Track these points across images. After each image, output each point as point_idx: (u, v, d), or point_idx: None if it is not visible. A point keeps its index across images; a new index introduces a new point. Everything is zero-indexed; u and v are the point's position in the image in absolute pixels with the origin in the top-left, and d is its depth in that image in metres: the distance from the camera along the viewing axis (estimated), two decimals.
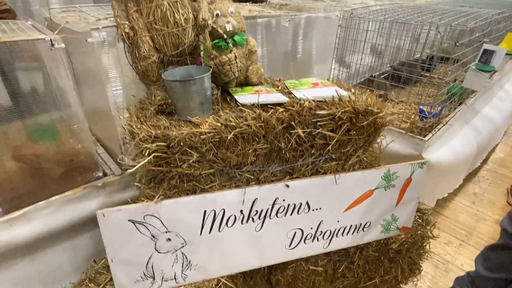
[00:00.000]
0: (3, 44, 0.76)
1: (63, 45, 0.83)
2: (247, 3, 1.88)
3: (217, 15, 0.97)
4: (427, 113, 1.42)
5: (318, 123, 0.84)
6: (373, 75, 1.85)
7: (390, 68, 2.13)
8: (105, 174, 1.09)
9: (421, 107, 1.50)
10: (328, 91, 1.00)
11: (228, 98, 0.96)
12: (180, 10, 0.82)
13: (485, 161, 2.40)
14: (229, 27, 0.97)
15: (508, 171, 2.39)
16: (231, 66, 0.89)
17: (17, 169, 0.93)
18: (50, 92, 0.94)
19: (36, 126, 1.02)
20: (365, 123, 0.85)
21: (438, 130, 1.44)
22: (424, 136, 1.38)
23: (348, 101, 0.87)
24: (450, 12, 1.86)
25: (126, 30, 0.78)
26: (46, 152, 0.97)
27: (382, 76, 2.06)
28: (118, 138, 1.07)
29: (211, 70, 0.84)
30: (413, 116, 1.57)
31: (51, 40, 0.81)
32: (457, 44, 1.29)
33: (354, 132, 0.87)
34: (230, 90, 1.00)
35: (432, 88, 2.05)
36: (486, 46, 1.46)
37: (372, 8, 1.83)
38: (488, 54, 1.47)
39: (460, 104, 1.74)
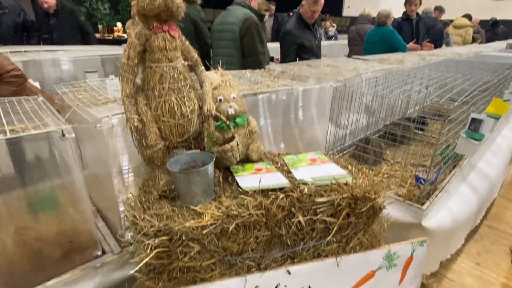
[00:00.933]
0: (16, 138, 0.81)
1: (73, 135, 0.87)
2: (247, 71, 2.01)
3: (220, 100, 1.05)
4: (423, 181, 1.46)
5: (318, 209, 0.86)
6: (368, 136, 1.91)
7: (384, 126, 2.21)
8: (103, 252, 1.08)
9: (417, 173, 1.54)
10: (327, 170, 1.04)
11: (229, 178, 0.99)
12: (186, 103, 0.88)
13: (484, 217, 2.39)
14: (231, 111, 1.04)
15: (509, 227, 2.37)
16: (233, 152, 0.93)
17: (18, 253, 0.92)
18: (54, 166, 0.96)
19: (36, 197, 1.03)
20: (363, 209, 0.87)
21: (435, 197, 1.47)
22: (422, 204, 1.40)
23: (345, 184, 0.91)
24: (438, 81, 1.99)
25: (135, 124, 0.83)
26: (47, 234, 0.97)
27: (377, 135, 2.14)
28: (119, 211, 1.08)
29: (215, 157, 0.88)
30: (410, 180, 1.61)
31: (62, 131, 0.86)
32: (445, 121, 1.36)
33: (354, 218, 0.89)
34: (232, 169, 1.03)
35: (426, 147, 2.11)
36: (473, 115, 1.55)
37: (364, 75, 1.95)
38: (476, 122, 1.55)
39: (454, 167, 1.79)
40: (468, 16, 6.19)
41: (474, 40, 6.64)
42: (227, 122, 0.97)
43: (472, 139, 1.50)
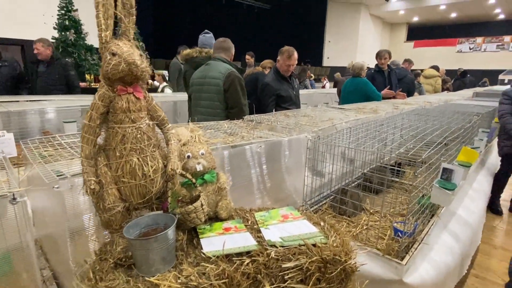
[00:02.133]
0: None
1: (25, 198, 0.82)
2: (225, 122, 2.04)
3: (188, 157, 1.03)
4: (401, 233, 1.43)
5: (286, 276, 0.81)
6: (345, 186, 1.91)
7: (362, 174, 2.23)
8: None
9: (395, 224, 1.51)
10: (298, 228, 1.00)
11: (195, 240, 0.94)
12: (149, 163, 0.86)
13: (471, 265, 2.33)
14: (199, 168, 1.02)
15: (496, 275, 2.31)
16: (197, 214, 0.89)
17: None
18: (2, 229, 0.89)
19: None
20: (334, 273, 0.82)
21: (415, 250, 1.43)
22: (402, 258, 1.35)
23: (315, 246, 0.87)
24: (412, 129, 2.07)
25: (92, 187, 0.79)
26: None
27: (355, 183, 2.14)
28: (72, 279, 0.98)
29: (176, 221, 0.83)
30: (389, 232, 1.57)
31: (13, 195, 0.81)
32: (415, 173, 1.38)
33: (324, 283, 0.84)
34: (198, 229, 0.98)
35: (404, 195, 2.12)
36: (444, 165, 1.58)
37: (338, 125, 2.01)
38: (448, 172, 1.58)
39: (433, 215, 1.78)
40: (436, 67, 6.71)
41: (445, 89, 7.13)
42: (193, 180, 0.95)
43: (445, 189, 1.51)
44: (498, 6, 16.84)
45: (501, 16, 18.95)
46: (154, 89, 5.64)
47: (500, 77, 17.26)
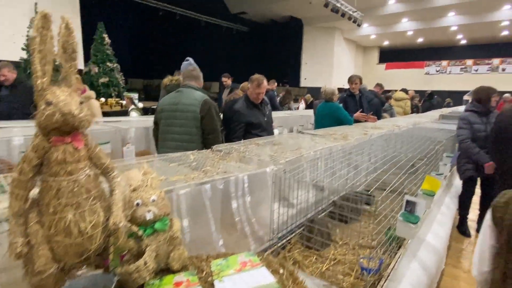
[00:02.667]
0: None
1: None
2: (191, 152, 1.99)
3: (137, 204, 0.97)
4: (366, 272, 1.40)
5: None
6: (314, 217, 1.88)
7: (332, 203, 2.22)
8: None
9: (361, 261, 1.49)
10: (253, 278, 0.95)
11: None
12: (87, 218, 0.79)
13: None
14: (149, 216, 0.96)
15: None
16: (140, 273, 0.82)
17: None
18: None
19: None
20: None
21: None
22: None
23: None
24: (379, 159, 2.11)
25: (18, 250, 0.71)
26: None
27: (324, 213, 2.13)
28: None
29: (115, 283, 0.76)
30: (356, 267, 1.55)
31: None
32: (375, 211, 1.38)
33: None
34: (145, 286, 0.91)
35: (372, 225, 2.12)
36: (407, 197, 1.60)
37: (306, 154, 2.01)
38: (411, 204, 1.59)
39: (400, 247, 1.78)
40: (405, 90, 7.05)
41: (414, 105, 7.47)
42: (139, 233, 0.88)
43: (409, 222, 1.52)
44: (459, 33, 18.20)
45: (463, 42, 20.47)
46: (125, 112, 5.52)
47: (464, 97, 18.32)
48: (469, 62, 19.67)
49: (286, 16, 18.26)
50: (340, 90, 4.54)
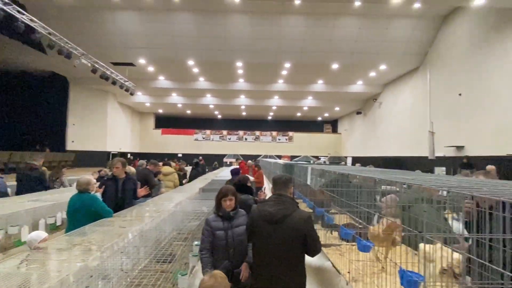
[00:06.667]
0: None
1: None
2: None
3: None
4: None
5: None
6: None
7: None
8: None
9: None
10: None
11: None
12: None
13: None
14: None
15: None
16: None
17: None
18: None
19: None
20: None
21: None
22: None
23: None
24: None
25: None
26: None
27: None
28: None
29: None
30: None
31: None
32: None
33: None
34: None
35: None
36: None
37: None
38: None
39: None
40: (168, 164, 7.66)
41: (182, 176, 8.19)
42: None
43: None
44: (216, 110, 22.99)
45: (219, 116, 26.01)
46: None
47: (224, 159, 22.86)
48: (225, 132, 25.10)
49: (47, 71, 15.77)
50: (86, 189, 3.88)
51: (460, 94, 10.19)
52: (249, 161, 13.16)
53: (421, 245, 1.67)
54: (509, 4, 7.78)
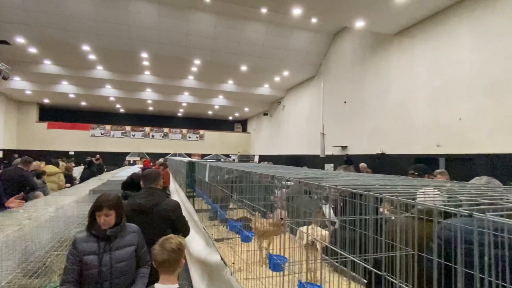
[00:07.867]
0: None
1: None
2: None
3: None
4: None
5: None
6: None
7: None
8: None
9: None
10: None
11: None
12: None
13: None
14: None
15: None
16: None
17: None
18: None
19: None
20: None
21: None
22: None
23: None
24: None
25: None
26: None
27: None
28: None
29: None
30: None
31: None
32: None
33: None
34: None
35: None
36: None
37: None
38: None
39: None
40: (56, 163, 6.63)
41: (68, 177, 7.17)
42: None
43: None
44: (118, 103, 20.90)
45: (122, 110, 23.70)
46: None
47: (127, 158, 21.00)
48: (128, 128, 23.00)
49: None
50: None
51: (345, 102, 11.95)
52: (160, 159, 12.50)
53: (299, 228, 1.93)
54: (382, 29, 9.51)
